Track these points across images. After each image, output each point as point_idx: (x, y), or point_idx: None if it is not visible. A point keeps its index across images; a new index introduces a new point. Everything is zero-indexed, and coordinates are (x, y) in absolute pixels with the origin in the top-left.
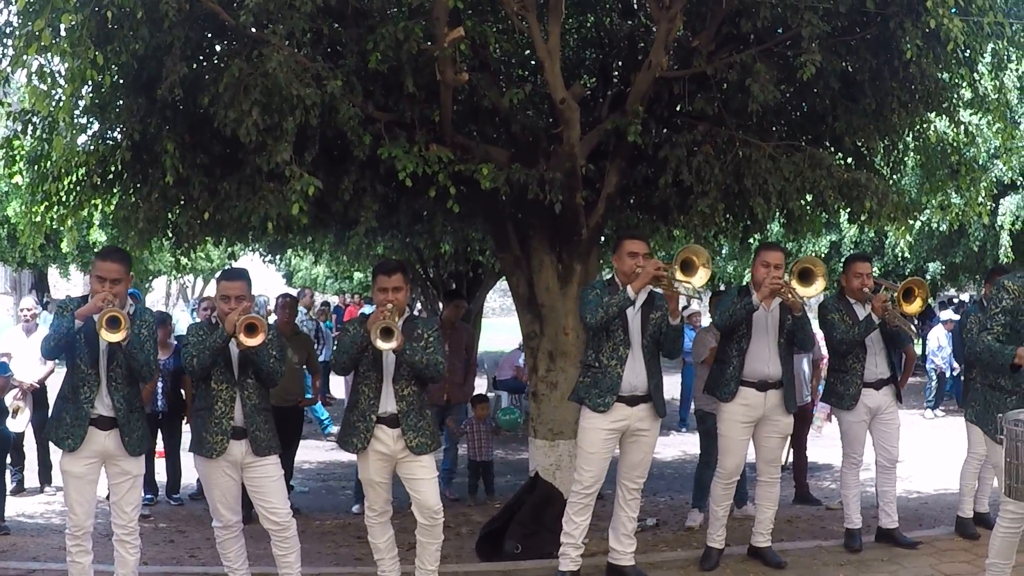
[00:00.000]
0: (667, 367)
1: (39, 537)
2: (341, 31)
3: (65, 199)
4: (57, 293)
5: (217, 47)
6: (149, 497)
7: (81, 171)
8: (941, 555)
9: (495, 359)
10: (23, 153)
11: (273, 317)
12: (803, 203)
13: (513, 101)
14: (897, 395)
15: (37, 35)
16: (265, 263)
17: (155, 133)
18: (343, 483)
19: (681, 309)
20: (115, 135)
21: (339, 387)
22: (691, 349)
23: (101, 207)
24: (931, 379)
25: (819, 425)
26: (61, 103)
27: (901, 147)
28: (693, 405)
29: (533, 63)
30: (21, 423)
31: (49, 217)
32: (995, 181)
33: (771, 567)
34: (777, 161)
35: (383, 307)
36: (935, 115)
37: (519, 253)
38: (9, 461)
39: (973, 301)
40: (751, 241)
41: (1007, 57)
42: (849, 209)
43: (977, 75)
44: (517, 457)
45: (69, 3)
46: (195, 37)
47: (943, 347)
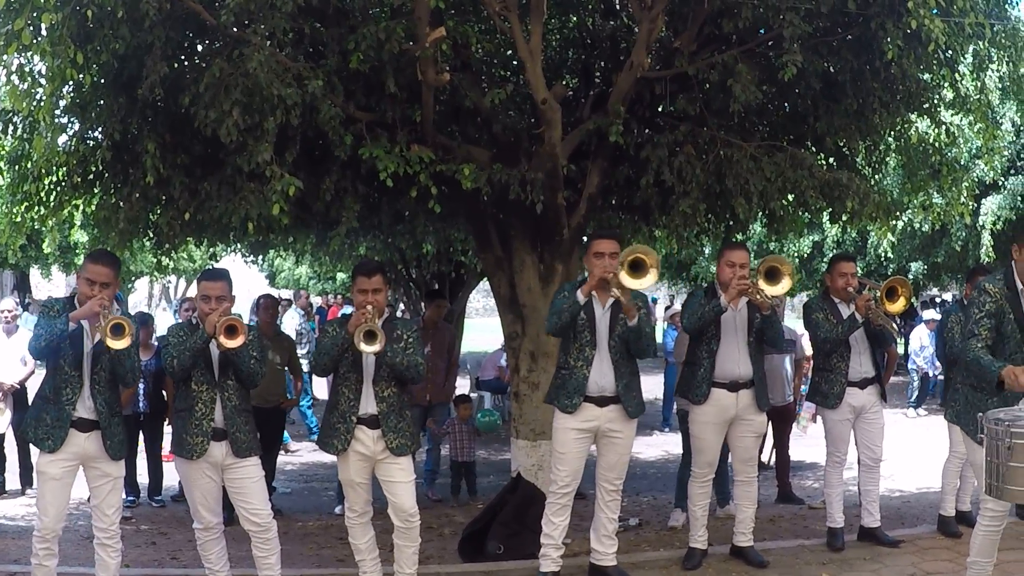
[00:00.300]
0: (650, 367)
1: (20, 540)
2: (322, 31)
3: (46, 199)
4: (39, 294)
5: (199, 47)
6: (131, 499)
7: (62, 171)
8: (923, 553)
9: (478, 359)
10: (3, 153)
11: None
12: (785, 203)
13: (495, 101)
14: (882, 394)
15: (17, 34)
16: (247, 264)
17: (136, 133)
18: (325, 484)
19: (666, 309)
20: (96, 135)
21: (322, 389)
22: (673, 349)
23: (82, 207)
24: (913, 379)
25: (804, 425)
26: (41, 103)
27: (883, 147)
28: (676, 405)
29: (515, 63)
30: (1, 425)
31: (30, 217)
32: (977, 181)
33: (753, 566)
34: (759, 161)
35: (363, 308)
36: (916, 115)
37: (501, 253)
38: None
39: (955, 300)
40: (733, 241)
41: (988, 58)
42: (830, 209)
43: (958, 76)
44: (500, 457)
45: (49, 2)
46: (176, 37)
47: (925, 347)
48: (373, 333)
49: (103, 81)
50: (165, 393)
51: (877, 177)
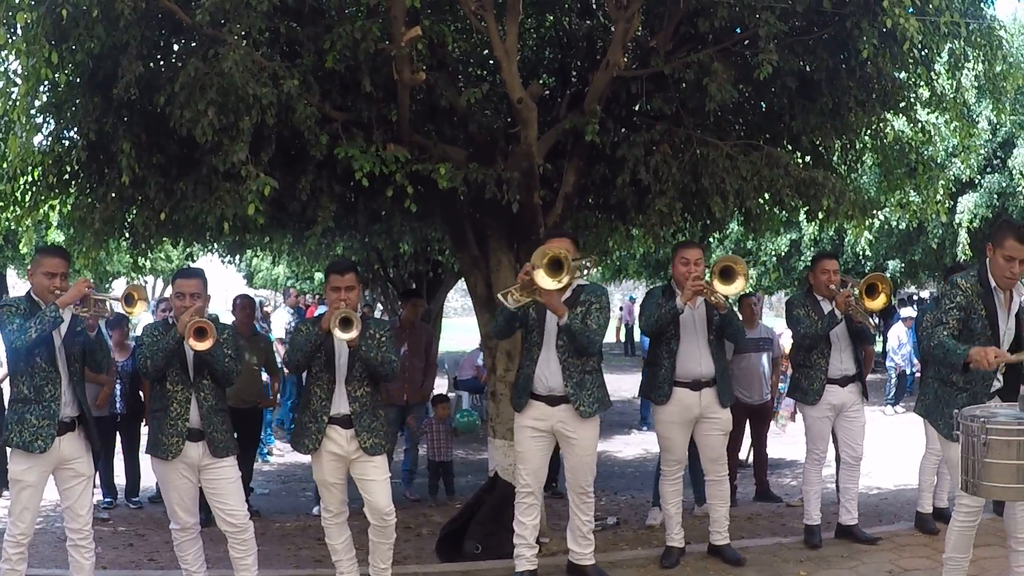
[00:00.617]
0: (629, 366)
1: None
2: (298, 30)
3: (21, 200)
4: (16, 294)
5: (174, 46)
6: (108, 500)
7: (37, 171)
8: (901, 550)
9: (456, 359)
10: None
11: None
12: (761, 202)
13: (471, 100)
14: (863, 392)
15: None
16: (224, 264)
17: (111, 133)
18: (303, 485)
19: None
20: (71, 135)
21: None
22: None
23: (58, 208)
24: (891, 376)
25: (783, 423)
26: (16, 102)
27: (859, 146)
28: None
29: (491, 63)
30: None
31: (5, 218)
32: (954, 179)
33: (730, 564)
34: (734, 160)
35: (336, 306)
36: (892, 114)
37: (477, 253)
38: None
39: (932, 298)
40: (710, 240)
41: (964, 56)
42: (806, 208)
43: (934, 74)
44: (478, 457)
45: (24, 1)
46: (151, 36)
47: (903, 344)
48: (349, 320)
49: (78, 81)
50: (142, 394)
51: (853, 176)
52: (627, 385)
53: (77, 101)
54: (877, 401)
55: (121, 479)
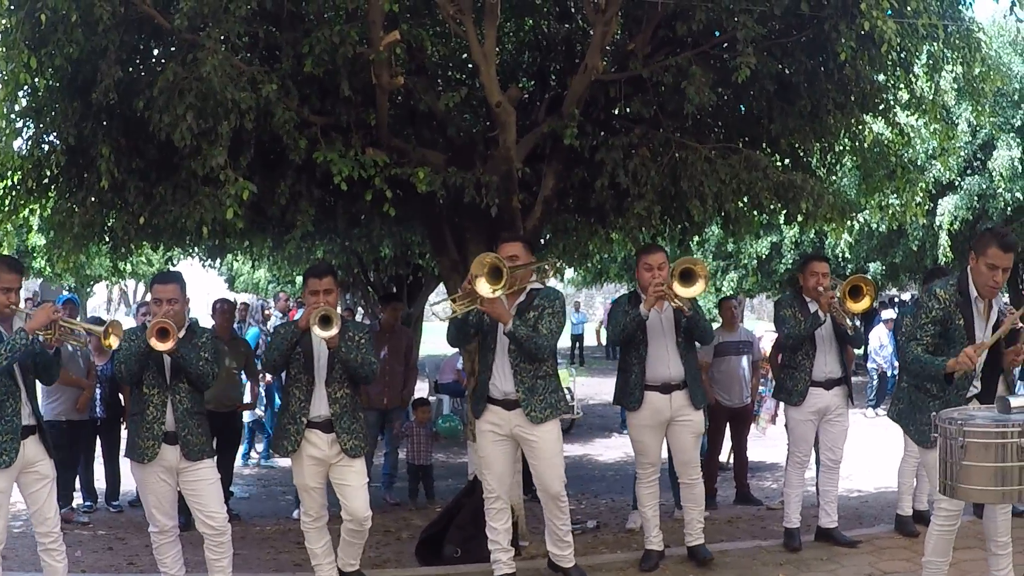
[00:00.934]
0: (612, 369)
1: None
2: (277, 35)
3: (0, 204)
4: None
5: (153, 51)
6: (88, 504)
7: (16, 176)
8: (880, 553)
9: (436, 363)
10: None
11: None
12: (739, 205)
13: (449, 105)
14: (848, 396)
15: None
16: (205, 268)
17: (90, 137)
18: (283, 488)
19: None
20: (51, 139)
21: None
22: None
23: (38, 212)
24: (872, 378)
25: (763, 426)
26: None
27: (838, 148)
28: None
29: (470, 67)
30: None
31: None
32: (933, 181)
33: (697, 562)
34: (713, 163)
35: (314, 306)
36: (871, 117)
37: (456, 256)
38: None
39: (913, 300)
40: (690, 243)
41: (943, 59)
42: (785, 211)
43: (913, 77)
44: (458, 461)
45: (2, 6)
46: (130, 41)
47: (884, 345)
48: (328, 317)
49: (57, 85)
50: (122, 397)
51: (832, 178)
52: (608, 388)
53: (56, 105)
54: (858, 403)
55: (101, 483)
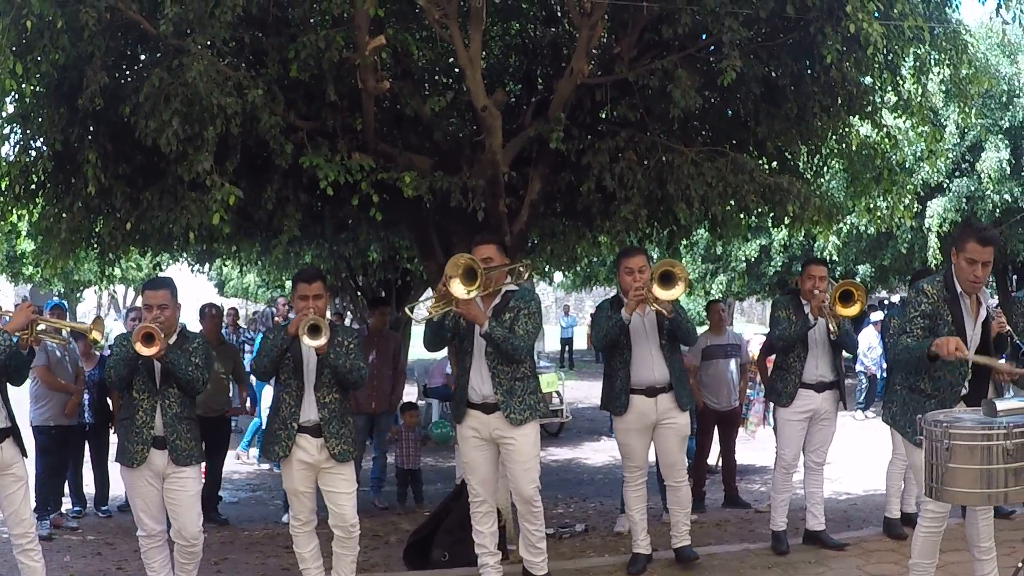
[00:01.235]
0: (600, 373)
1: None
2: (263, 40)
3: None
4: None
5: (140, 57)
6: (77, 509)
7: (4, 182)
8: (868, 556)
9: (425, 367)
10: None
11: None
12: (726, 208)
13: (435, 109)
14: (840, 400)
15: None
16: (194, 273)
17: (77, 143)
18: (273, 493)
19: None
20: (37, 145)
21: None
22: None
23: (27, 217)
24: (861, 381)
25: (752, 430)
26: None
27: (824, 151)
28: None
29: (456, 71)
30: None
31: None
32: (922, 183)
33: (681, 562)
34: (699, 166)
35: (304, 314)
36: (859, 119)
37: (443, 260)
38: None
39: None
40: (679, 247)
41: (930, 61)
42: (772, 213)
43: (900, 79)
44: (447, 465)
45: None
46: (116, 47)
47: (873, 347)
48: (317, 327)
49: (44, 91)
50: (110, 402)
51: (820, 181)
52: (597, 392)
53: (43, 111)
54: (847, 406)
55: (90, 488)
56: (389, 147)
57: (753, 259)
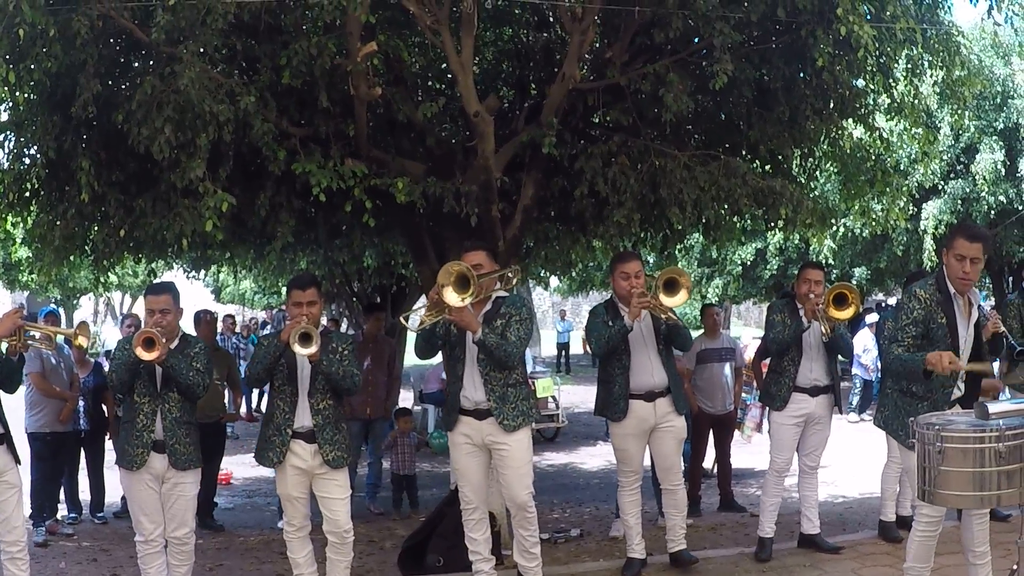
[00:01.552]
0: (595, 378)
1: None
2: (255, 47)
3: None
4: None
5: (132, 64)
6: (73, 515)
7: None
8: (863, 559)
9: (421, 372)
10: None
11: None
12: (719, 211)
13: (428, 115)
14: (835, 404)
15: None
16: (189, 279)
17: (70, 151)
18: (268, 499)
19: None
20: (31, 153)
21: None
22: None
23: (21, 225)
24: (856, 384)
25: (748, 434)
26: None
27: (818, 154)
28: None
29: (448, 76)
30: None
31: None
32: (917, 186)
33: (679, 566)
34: (692, 170)
35: (297, 321)
36: (852, 122)
37: (437, 266)
38: None
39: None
40: (673, 251)
41: (922, 63)
42: (765, 217)
43: (893, 81)
44: (442, 470)
45: None
46: (108, 55)
47: (868, 350)
48: (308, 335)
49: (37, 99)
50: (105, 409)
51: (813, 184)
52: (593, 396)
53: (36, 119)
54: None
55: (86, 495)
56: (382, 153)
57: (749, 262)
